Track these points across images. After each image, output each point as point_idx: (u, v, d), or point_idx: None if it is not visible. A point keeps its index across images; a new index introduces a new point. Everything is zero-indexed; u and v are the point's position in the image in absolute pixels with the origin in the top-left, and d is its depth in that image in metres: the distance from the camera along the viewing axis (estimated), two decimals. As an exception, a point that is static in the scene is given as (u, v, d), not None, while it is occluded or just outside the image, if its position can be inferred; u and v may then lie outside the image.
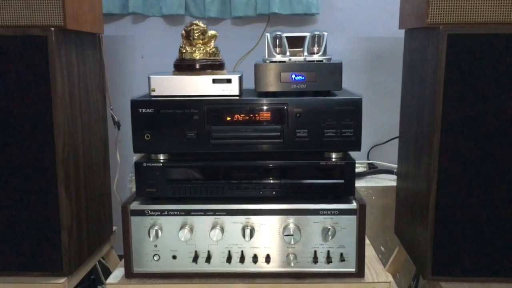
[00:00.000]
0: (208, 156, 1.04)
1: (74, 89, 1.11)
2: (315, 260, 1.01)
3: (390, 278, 1.02)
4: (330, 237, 1.00)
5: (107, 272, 1.56)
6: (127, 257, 1.02)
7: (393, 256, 1.40)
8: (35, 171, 1.04)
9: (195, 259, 1.01)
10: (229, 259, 1.01)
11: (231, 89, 1.04)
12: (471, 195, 1.03)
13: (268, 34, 1.07)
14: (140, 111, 1.01)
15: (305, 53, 1.05)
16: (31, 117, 1.03)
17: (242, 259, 1.01)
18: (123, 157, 1.40)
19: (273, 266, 1.02)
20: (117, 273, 1.05)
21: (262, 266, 1.02)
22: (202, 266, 1.02)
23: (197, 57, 1.08)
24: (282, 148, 1.02)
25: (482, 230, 1.04)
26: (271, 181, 1.02)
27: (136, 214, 1.01)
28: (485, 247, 1.04)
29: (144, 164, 1.02)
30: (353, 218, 1.00)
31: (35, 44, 1.00)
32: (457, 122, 1.01)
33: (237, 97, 1.03)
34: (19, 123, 1.03)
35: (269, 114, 1.01)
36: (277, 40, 1.06)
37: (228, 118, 1.01)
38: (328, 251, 1.01)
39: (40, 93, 1.02)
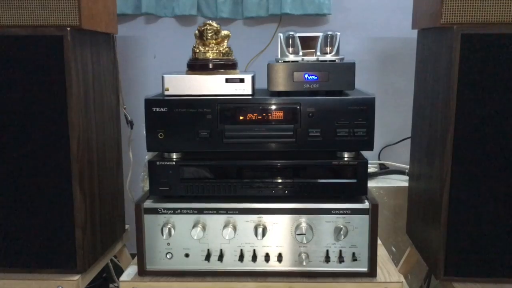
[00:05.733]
0: (221, 155, 1.04)
1: (89, 88, 1.12)
2: (327, 259, 1.01)
3: (402, 279, 1.02)
4: (342, 237, 1.00)
5: (119, 271, 1.58)
6: (140, 255, 1.03)
7: (404, 257, 1.40)
8: (50, 169, 1.05)
9: (208, 257, 1.02)
10: (241, 257, 1.02)
11: (244, 89, 1.04)
12: (484, 195, 1.02)
13: (281, 34, 1.07)
14: (154, 110, 1.02)
15: (318, 53, 1.06)
16: (46, 115, 1.04)
17: (254, 258, 1.02)
18: (135, 156, 1.40)
19: (285, 265, 1.02)
20: (130, 271, 1.06)
21: (274, 265, 1.02)
22: (214, 265, 1.03)
23: (210, 57, 1.09)
24: (294, 148, 1.02)
25: (495, 230, 1.03)
26: (284, 180, 1.02)
27: (149, 212, 1.02)
28: (498, 248, 1.04)
29: (158, 163, 1.03)
30: (365, 218, 1.00)
31: (51, 44, 1.02)
32: (470, 123, 1.00)
33: (250, 97, 1.04)
34: (35, 121, 1.04)
35: (282, 114, 1.02)
36: (290, 40, 1.06)
37: (241, 118, 1.02)
38: (340, 251, 1.01)
39: (56, 92, 1.03)
